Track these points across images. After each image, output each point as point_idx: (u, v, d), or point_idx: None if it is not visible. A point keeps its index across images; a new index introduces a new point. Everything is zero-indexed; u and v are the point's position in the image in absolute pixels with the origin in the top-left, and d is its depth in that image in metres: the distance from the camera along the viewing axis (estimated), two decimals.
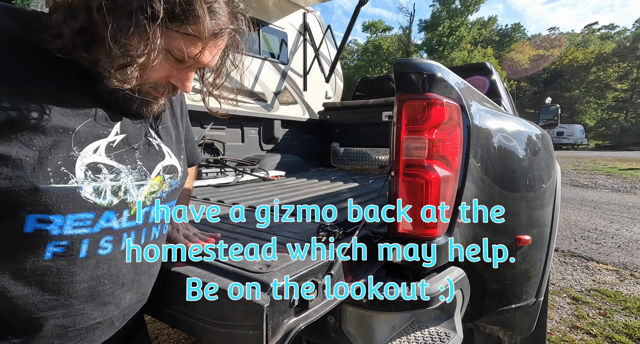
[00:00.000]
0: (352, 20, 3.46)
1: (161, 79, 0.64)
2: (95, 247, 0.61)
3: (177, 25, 0.56)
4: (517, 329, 1.46)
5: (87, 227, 0.59)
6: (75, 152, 0.57)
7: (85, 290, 0.61)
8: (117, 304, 0.67)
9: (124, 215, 0.64)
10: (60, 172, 0.55)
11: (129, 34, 0.52)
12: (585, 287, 2.94)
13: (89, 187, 0.58)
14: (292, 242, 0.97)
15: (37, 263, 0.56)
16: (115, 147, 0.63)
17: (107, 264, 0.63)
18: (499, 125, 1.15)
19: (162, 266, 0.80)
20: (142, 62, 0.55)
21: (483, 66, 3.40)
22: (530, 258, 1.27)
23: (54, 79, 0.58)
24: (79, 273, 0.60)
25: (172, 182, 0.76)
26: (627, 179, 8.99)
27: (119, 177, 0.63)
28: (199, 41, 0.58)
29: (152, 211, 0.71)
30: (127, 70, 0.56)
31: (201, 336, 0.75)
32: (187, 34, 0.57)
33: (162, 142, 0.75)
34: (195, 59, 0.61)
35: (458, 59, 28.80)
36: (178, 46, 0.58)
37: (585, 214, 5.52)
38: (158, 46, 0.55)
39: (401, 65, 0.92)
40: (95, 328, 0.65)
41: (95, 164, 0.60)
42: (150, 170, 0.69)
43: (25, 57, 0.56)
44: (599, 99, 36.11)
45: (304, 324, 0.70)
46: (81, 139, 0.58)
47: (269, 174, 2.46)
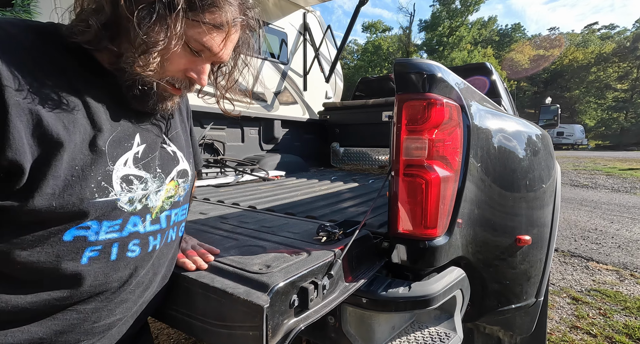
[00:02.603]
0: (352, 20, 3.46)
1: (178, 73, 0.66)
2: (125, 250, 0.65)
3: (194, 14, 0.60)
4: (517, 329, 1.46)
5: (117, 232, 0.63)
6: (110, 166, 0.61)
7: (115, 289, 0.65)
8: (135, 302, 0.70)
9: (147, 219, 0.68)
10: (102, 187, 0.60)
11: (151, 21, 0.56)
12: (585, 287, 2.94)
13: (125, 197, 0.63)
14: (292, 242, 0.97)
15: (76, 267, 0.59)
16: (140, 158, 0.67)
17: (134, 266, 0.67)
18: (499, 125, 1.15)
19: None
20: (162, 48, 0.59)
21: (483, 66, 3.40)
22: (530, 258, 1.26)
23: (77, 80, 0.61)
24: (111, 275, 0.64)
25: (185, 186, 0.79)
26: (627, 179, 8.99)
27: (147, 186, 0.67)
28: (215, 32, 0.62)
29: (171, 215, 0.75)
30: (149, 57, 0.59)
31: (201, 336, 0.75)
32: (205, 23, 0.61)
33: (176, 147, 0.79)
34: (212, 52, 0.64)
35: (458, 59, 28.80)
36: (196, 36, 0.61)
37: (585, 214, 5.52)
38: (178, 33, 0.58)
39: (401, 65, 0.92)
40: (115, 324, 0.68)
41: (127, 176, 0.64)
42: (166, 175, 0.73)
43: (50, 60, 0.58)
44: (599, 99, 36.11)
45: (304, 324, 0.70)
46: (112, 154, 0.62)
47: (269, 174, 2.46)
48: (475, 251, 1.06)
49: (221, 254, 0.86)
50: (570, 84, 37.44)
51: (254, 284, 0.69)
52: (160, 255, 0.73)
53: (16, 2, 2.09)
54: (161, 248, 0.73)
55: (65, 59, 0.60)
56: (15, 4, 2.09)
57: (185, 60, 0.64)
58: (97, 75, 0.63)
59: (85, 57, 0.62)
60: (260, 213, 1.38)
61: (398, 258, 0.96)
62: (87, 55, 0.63)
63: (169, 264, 0.78)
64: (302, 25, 3.55)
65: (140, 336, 0.79)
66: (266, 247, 0.91)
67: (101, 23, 0.58)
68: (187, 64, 0.66)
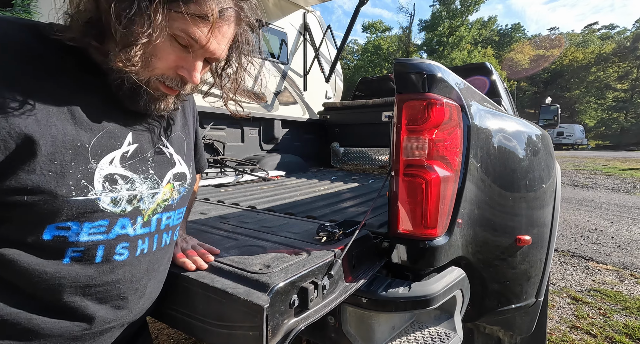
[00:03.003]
0: (352, 20, 3.46)
1: (168, 70, 0.63)
2: (111, 253, 0.63)
3: (177, 4, 0.56)
4: (517, 329, 1.46)
5: (102, 234, 0.62)
6: (93, 164, 0.59)
7: (101, 294, 0.63)
8: (130, 309, 0.69)
9: (137, 222, 0.67)
10: (80, 185, 0.57)
11: (131, 13, 0.54)
12: (585, 287, 2.94)
13: (107, 198, 0.61)
14: (292, 242, 0.97)
15: (57, 266, 0.58)
16: (129, 157, 0.65)
17: (122, 270, 0.65)
18: (499, 125, 1.15)
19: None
20: (144, 41, 0.56)
21: (483, 66, 3.40)
22: (530, 258, 1.27)
23: (68, 79, 0.60)
24: (95, 277, 0.62)
25: (181, 189, 0.77)
26: (627, 179, 8.99)
27: (134, 187, 0.65)
28: (201, 23, 0.59)
29: (163, 218, 0.73)
30: (131, 50, 0.56)
31: (201, 336, 0.75)
32: (189, 14, 0.57)
33: (173, 150, 0.77)
34: (200, 45, 0.61)
35: (458, 59, 28.79)
36: (181, 28, 0.58)
37: (585, 214, 5.52)
38: (159, 25, 0.55)
39: (401, 65, 0.92)
40: (109, 331, 0.67)
41: (111, 175, 0.62)
42: (161, 178, 0.71)
43: (40, 58, 0.57)
44: (599, 99, 36.11)
45: (304, 324, 0.70)
46: (97, 151, 0.60)
47: (269, 174, 2.46)
48: (475, 251, 1.06)
49: (221, 254, 0.86)
50: (570, 84, 37.44)
51: (254, 284, 0.69)
52: (154, 260, 0.72)
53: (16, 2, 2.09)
54: (155, 253, 0.71)
55: (59, 59, 0.59)
56: (15, 4, 2.09)
57: (174, 57, 0.62)
58: (94, 76, 0.62)
59: (83, 58, 0.62)
60: (260, 213, 1.38)
61: (398, 258, 0.96)
62: (85, 56, 0.62)
63: (164, 269, 0.76)
64: (302, 25, 3.55)
65: (139, 336, 0.78)
66: (266, 247, 0.91)
67: (84, 20, 0.57)
68: (177, 61, 0.62)
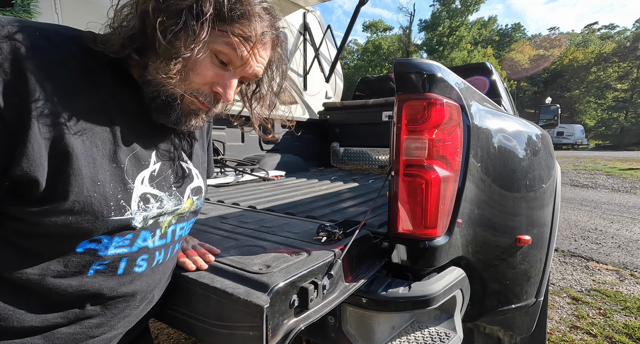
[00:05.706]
0: (352, 20, 3.46)
1: (204, 85, 0.64)
2: (132, 265, 0.65)
3: (222, 24, 0.59)
4: (517, 329, 1.46)
5: (126, 247, 0.63)
6: (131, 184, 0.61)
7: (120, 303, 0.65)
8: (138, 316, 0.71)
9: (156, 234, 0.68)
10: (120, 206, 0.59)
11: (177, 28, 0.56)
12: (585, 287, 2.94)
13: (140, 217, 0.63)
14: (292, 242, 0.97)
15: (82, 279, 0.60)
16: (156, 176, 0.67)
17: (140, 281, 0.67)
18: (499, 125, 1.15)
19: None
20: (186, 56, 0.57)
21: (483, 66, 3.40)
22: (530, 258, 1.26)
23: (108, 93, 0.60)
24: (116, 289, 0.64)
25: (198, 203, 0.79)
26: (627, 179, 8.99)
27: (162, 205, 0.67)
28: (244, 43, 0.61)
29: (177, 229, 0.74)
30: (172, 63, 0.58)
31: (201, 336, 0.75)
32: (233, 33, 0.60)
33: (192, 165, 0.78)
34: (239, 63, 0.63)
35: (458, 59, 28.79)
36: (224, 46, 0.61)
37: (585, 214, 5.52)
38: (202, 40, 0.57)
39: (401, 65, 0.92)
40: (116, 337, 0.68)
41: (144, 194, 0.63)
42: (182, 194, 0.73)
43: (88, 73, 0.58)
44: (599, 99, 36.09)
45: (304, 324, 0.70)
46: (130, 171, 0.61)
47: (269, 174, 2.46)
48: (475, 251, 1.06)
49: (221, 254, 0.86)
50: (570, 84, 37.42)
51: (254, 284, 0.69)
52: (166, 269, 0.74)
53: (16, 2, 2.09)
54: (167, 262, 0.74)
55: (101, 72, 0.60)
56: (15, 3, 2.09)
57: (212, 73, 0.63)
58: (127, 90, 0.63)
59: (119, 70, 0.62)
60: (260, 213, 1.38)
61: (398, 258, 0.96)
62: (122, 69, 0.62)
63: (170, 275, 0.78)
64: (302, 25, 3.55)
65: (141, 336, 0.79)
66: (266, 247, 0.91)
67: (129, 34, 0.58)
68: (214, 78, 0.64)
